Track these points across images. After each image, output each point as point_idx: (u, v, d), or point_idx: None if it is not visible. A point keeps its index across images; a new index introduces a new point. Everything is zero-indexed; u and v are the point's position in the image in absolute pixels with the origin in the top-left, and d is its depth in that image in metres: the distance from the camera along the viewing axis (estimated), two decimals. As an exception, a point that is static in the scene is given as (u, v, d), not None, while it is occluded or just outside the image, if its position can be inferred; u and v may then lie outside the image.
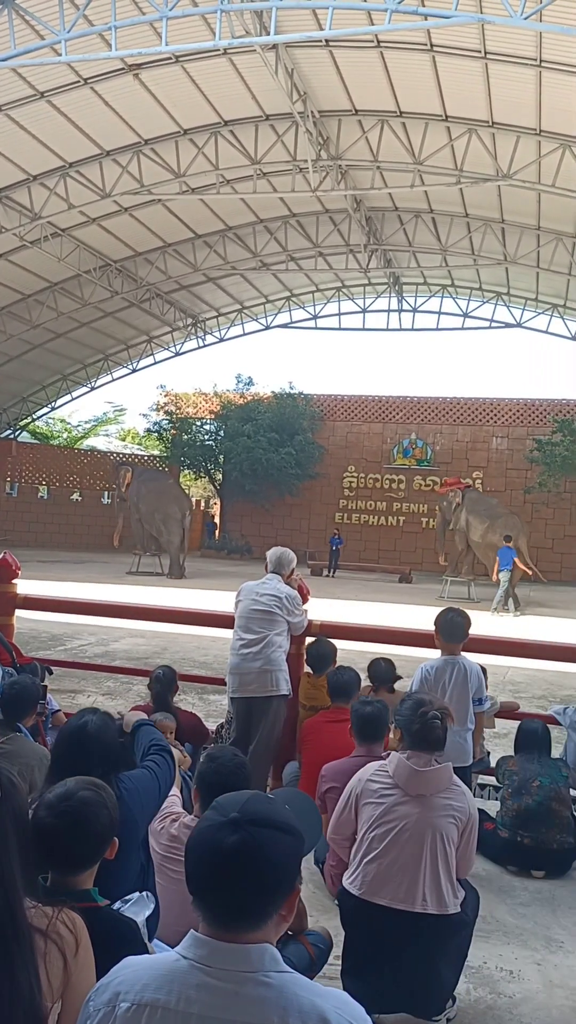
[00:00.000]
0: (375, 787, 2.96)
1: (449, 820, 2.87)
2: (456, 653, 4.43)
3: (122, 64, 14.64)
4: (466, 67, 14.17)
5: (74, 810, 1.96)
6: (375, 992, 2.69)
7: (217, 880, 1.35)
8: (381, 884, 2.80)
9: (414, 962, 2.76)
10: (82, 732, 2.55)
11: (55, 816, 1.95)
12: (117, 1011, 1.34)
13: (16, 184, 18.14)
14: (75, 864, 1.98)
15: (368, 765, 3.11)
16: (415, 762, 2.92)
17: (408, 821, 2.84)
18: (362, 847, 2.90)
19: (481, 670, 4.51)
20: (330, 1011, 1.31)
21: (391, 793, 2.90)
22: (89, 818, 1.97)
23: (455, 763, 4.10)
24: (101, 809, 2.00)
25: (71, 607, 6.83)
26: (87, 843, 1.98)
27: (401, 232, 22.94)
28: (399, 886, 2.78)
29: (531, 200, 19.10)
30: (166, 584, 18.78)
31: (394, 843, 2.83)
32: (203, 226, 22.93)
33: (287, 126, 17.04)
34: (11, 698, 3.98)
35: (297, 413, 30.57)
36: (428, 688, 4.30)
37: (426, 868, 2.79)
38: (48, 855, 1.95)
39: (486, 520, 20.08)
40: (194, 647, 10.16)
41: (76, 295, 24.21)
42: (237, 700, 4.82)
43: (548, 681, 9.31)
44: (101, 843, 2.01)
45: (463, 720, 4.30)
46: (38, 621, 10.01)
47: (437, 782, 2.90)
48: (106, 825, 2.01)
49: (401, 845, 2.82)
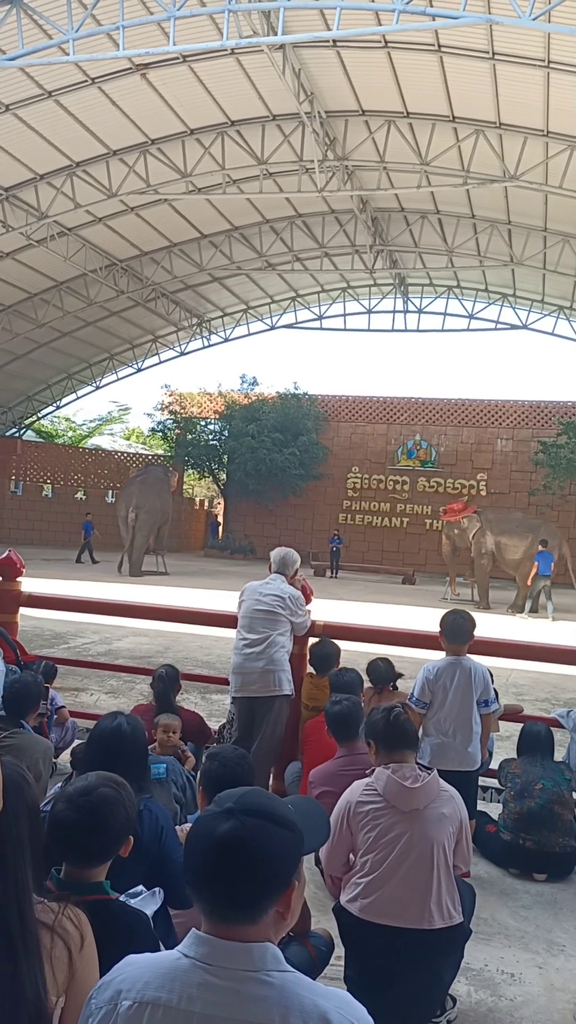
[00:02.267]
0: (366, 809, 2.87)
1: (444, 829, 2.84)
2: (461, 654, 4.41)
3: (129, 64, 14.66)
4: (474, 68, 14.16)
5: (94, 805, 2.00)
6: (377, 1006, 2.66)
7: (209, 868, 1.35)
8: (386, 907, 2.75)
9: (419, 974, 2.75)
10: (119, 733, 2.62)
11: (75, 810, 1.99)
12: (119, 1009, 1.34)
13: (23, 183, 18.18)
14: (90, 858, 2.02)
15: (354, 785, 2.99)
16: (401, 776, 2.87)
17: (405, 840, 2.79)
18: (362, 870, 2.83)
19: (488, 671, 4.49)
20: (332, 1011, 1.30)
21: (383, 812, 2.84)
22: (107, 814, 2.01)
23: (459, 768, 4.10)
24: (119, 807, 2.05)
25: (74, 605, 6.82)
26: (104, 838, 2.01)
27: (407, 233, 22.93)
28: (404, 907, 2.74)
29: (538, 201, 19.08)
30: (169, 583, 18.78)
31: (394, 865, 2.77)
32: (209, 226, 22.96)
33: (294, 126, 17.05)
34: (13, 696, 3.98)
35: (301, 413, 30.58)
36: (430, 689, 4.28)
37: (430, 885, 2.76)
38: (64, 847, 1.99)
39: (526, 535, 18.85)
40: (197, 646, 10.17)
41: (82, 294, 24.25)
42: (239, 700, 4.82)
43: (551, 684, 9.29)
44: (118, 839, 2.05)
45: (466, 722, 4.25)
46: (42, 619, 10.01)
47: (427, 794, 2.86)
48: (123, 822, 2.05)
49: (402, 866, 2.77)
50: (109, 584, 16.90)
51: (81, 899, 1.77)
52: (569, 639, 12.58)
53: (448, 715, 4.24)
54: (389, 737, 2.99)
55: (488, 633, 5.26)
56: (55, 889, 1.91)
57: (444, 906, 2.76)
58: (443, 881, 2.78)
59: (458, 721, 4.22)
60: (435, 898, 2.75)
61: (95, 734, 2.74)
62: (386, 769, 2.92)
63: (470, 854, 3.02)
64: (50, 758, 3.96)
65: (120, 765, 2.38)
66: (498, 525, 19.35)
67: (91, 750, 2.69)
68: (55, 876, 1.99)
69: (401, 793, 2.84)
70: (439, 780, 2.95)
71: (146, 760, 2.67)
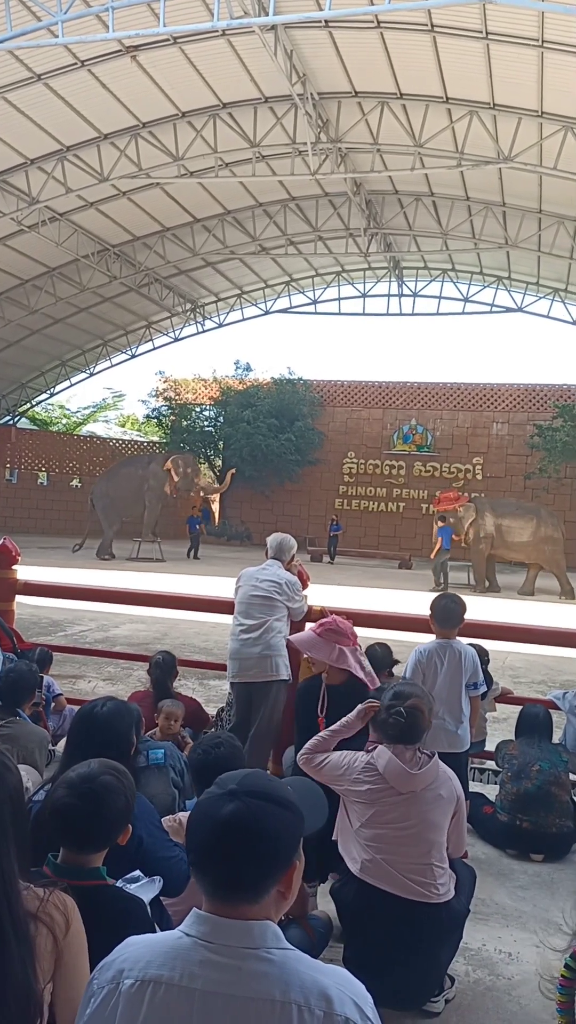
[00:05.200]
0: (364, 788, 2.91)
1: (441, 811, 2.89)
2: (451, 638, 4.43)
3: (120, 46, 14.50)
4: (467, 48, 14.02)
5: (95, 792, 2.02)
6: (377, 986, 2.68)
7: (213, 849, 1.36)
8: (384, 872, 2.80)
9: (418, 951, 2.78)
10: (92, 716, 2.62)
11: (77, 797, 2.00)
12: (121, 988, 1.35)
13: (13, 168, 18.01)
14: (89, 844, 2.03)
15: (357, 758, 3.01)
16: (403, 759, 2.90)
17: (402, 819, 2.84)
18: (357, 842, 2.88)
19: (477, 653, 4.50)
20: (332, 987, 1.32)
21: (381, 791, 2.87)
22: (108, 801, 2.03)
23: (448, 750, 4.11)
24: (120, 794, 2.07)
25: (71, 593, 6.82)
26: (104, 825, 2.03)
27: (401, 216, 22.80)
28: (403, 879, 2.79)
29: (533, 183, 18.96)
30: (166, 570, 18.80)
31: (392, 840, 2.83)
32: (202, 210, 22.79)
33: (286, 108, 16.89)
34: (9, 684, 3.99)
35: (297, 399, 30.50)
36: (422, 671, 4.28)
37: (429, 861, 2.82)
38: (64, 833, 2.00)
39: (531, 517, 19.40)
40: (194, 633, 10.19)
41: (74, 280, 24.09)
42: (237, 685, 4.84)
43: (547, 666, 9.34)
44: (117, 827, 2.07)
45: (455, 704, 4.25)
46: (38, 607, 10.03)
47: (427, 778, 2.90)
48: (123, 810, 2.07)
49: (399, 841, 2.82)
50: (106, 571, 16.89)
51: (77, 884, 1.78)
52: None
53: (438, 697, 4.24)
54: (390, 733, 2.96)
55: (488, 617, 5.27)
56: (51, 874, 1.91)
57: (440, 882, 2.82)
58: (435, 859, 2.84)
59: (448, 703, 4.22)
60: (431, 874, 2.81)
61: (74, 718, 2.76)
62: (388, 749, 2.94)
63: (463, 838, 3.06)
64: (46, 747, 3.97)
65: (93, 749, 2.36)
66: (497, 510, 19.80)
67: (69, 733, 2.71)
68: (51, 861, 1.99)
69: (402, 776, 2.87)
70: (439, 763, 2.97)
71: (126, 746, 2.63)
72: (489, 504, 20.20)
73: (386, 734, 2.97)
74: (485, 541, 19.34)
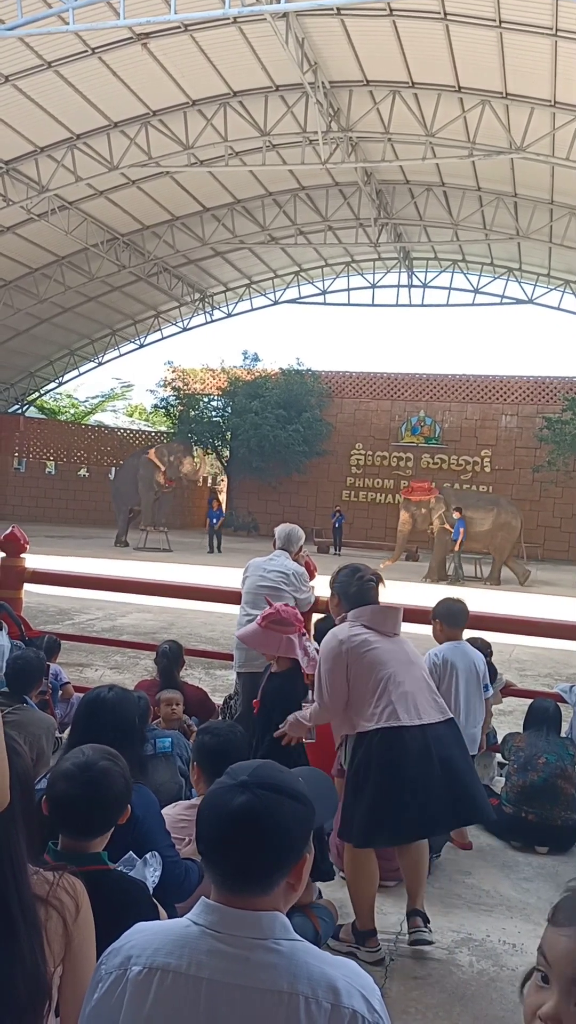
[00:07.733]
0: (359, 640, 3.22)
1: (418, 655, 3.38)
2: (459, 639, 4.43)
3: (130, 33, 14.43)
4: (480, 36, 13.91)
5: (95, 780, 2.02)
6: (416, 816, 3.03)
7: (224, 840, 1.36)
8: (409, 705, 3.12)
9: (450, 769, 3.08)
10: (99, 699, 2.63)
11: (77, 786, 2.00)
12: (129, 974, 1.35)
13: (23, 156, 17.98)
14: (91, 830, 2.04)
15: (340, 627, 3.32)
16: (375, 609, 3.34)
17: (400, 654, 3.25)
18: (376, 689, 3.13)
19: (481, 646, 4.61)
20: (339, 979, 1.32)
21: (375, 639, 3.24)
22: (108, 787, 2.03)
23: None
24: (118, 778, 2.07)
25: (79, 582, 6.83)
26: (105, 811, 2.04)
27: (412, 206, 22.68)
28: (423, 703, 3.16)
29: (544, 173, 18.82)
30: (174, 560, 18.83)
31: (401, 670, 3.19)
32: (211, 199, 22.72)
33: (297, 97, 16.80)
34: (16, 672, 4.00)
35: (305, 390, 30.45)
36: (437, 675, 4.24)
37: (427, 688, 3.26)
38: (65, 822, 2.01)
39: (491, 508, 20.38)
40: (201, 623, 10.21)
41: (83, 269, 24.07)
42: (243, 675, 4.85)
43: (554, 660, 9.32)
44: (118, 810, 2.07)
45: (474, 710, 4.29)
46: (46, 595, 10.05)
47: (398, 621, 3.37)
48: (122, 792, 2.08)
49: (406, 669, 3.21)
50: (113, 560, 16.93)
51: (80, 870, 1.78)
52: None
53: (458, 699, 4.23)
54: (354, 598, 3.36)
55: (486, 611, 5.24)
56: (52, 862, 1.91)
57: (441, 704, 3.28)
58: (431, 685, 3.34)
59: (468, 704, 4.24)
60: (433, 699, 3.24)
61: (80, 703, 2.77)
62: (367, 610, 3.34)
63: None
64: (53, 735, 3.98)
65: (95, 732, 2.38)
66: (461, 500, 20.68)
67: (75, 717, 2.73)
68: (52, 849, 1.99)
69: (380, 613, 3.32)
70: None
71: (131, 734, 2.63)
72: (455, 496, 21.20)
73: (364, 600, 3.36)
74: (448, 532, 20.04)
